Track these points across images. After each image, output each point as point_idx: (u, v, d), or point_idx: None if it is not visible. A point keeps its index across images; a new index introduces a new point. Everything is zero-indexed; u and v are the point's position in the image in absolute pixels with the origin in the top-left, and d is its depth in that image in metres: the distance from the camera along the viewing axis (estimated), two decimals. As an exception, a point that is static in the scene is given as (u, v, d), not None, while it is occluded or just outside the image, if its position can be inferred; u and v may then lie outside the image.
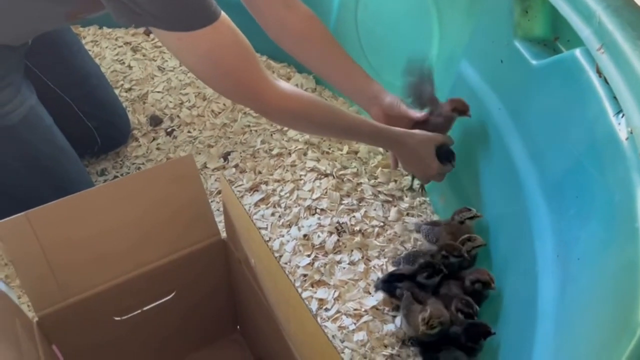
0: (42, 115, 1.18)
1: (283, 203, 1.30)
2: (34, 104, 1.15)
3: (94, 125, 1.39)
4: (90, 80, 1.37)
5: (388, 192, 1.31)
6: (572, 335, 0.64)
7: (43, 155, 1.18)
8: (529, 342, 0.75)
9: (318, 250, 1.20)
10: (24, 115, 1.11)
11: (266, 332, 0.86)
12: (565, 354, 0.64)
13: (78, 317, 0.79)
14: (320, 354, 0.63)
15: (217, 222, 0.88)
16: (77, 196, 0.75)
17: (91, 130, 1.39)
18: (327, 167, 1.36)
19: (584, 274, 0.68)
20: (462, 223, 1.06)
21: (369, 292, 1.11)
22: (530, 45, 0.99)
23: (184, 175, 0.82)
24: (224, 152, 1.46)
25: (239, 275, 0.87)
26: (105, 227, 0.78)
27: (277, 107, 0.93)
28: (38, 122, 1.16)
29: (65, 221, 0.75)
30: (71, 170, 1.22)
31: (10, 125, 1.10)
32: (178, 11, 0.80)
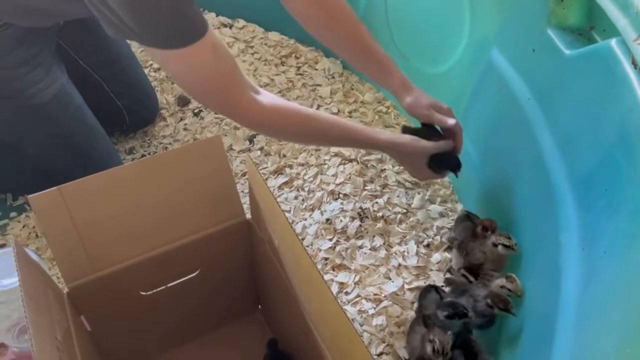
0: (73, 94, 1.20)
1: (307, 187, 1.31)
2: (65, 83, 1.18)
3: (124, 104, 1.41)
4: (121, 60, 1.39)
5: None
6: (594, 330, 0.64)
7: (73, 133, 1.20)
8: (550, 334, 0.75)
9: (340, 234, 1.20)
10: (54, 94, 1.14)
11: (287, 312, 0.88)
12: (586, 347, 0.64)
13: (106, 290, 0.82)
14: (340, 335, 0.64)
15: (241, 203, 0.89)
16: (108, 173, 0.77)
17: (120, 109, 1.41)
18: (352, 152, 1.36)
19: (609, 267, 0.67)
20: (495, 246, 0.99)
21: (390, 278, 1.12)
22: (564, 34, 0.97)
23: (212, 156, 0.83)
24: (250, 134, 1.47)
25: (262, 255, 0.89)
26: (134, 204, 0.80)
27: (257, 122, 0.93)
28: (68, 101, 1.18)
29: (96, 197, 0.77)
30: (100, 149, 1.25)
31: (41, 103, 1.12)
32: (160, 31, 0.78)
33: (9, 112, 1.13)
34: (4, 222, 1.26)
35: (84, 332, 0.83)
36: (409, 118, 1.47)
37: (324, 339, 0.73)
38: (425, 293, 1.04)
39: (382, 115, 1.49)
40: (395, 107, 1.52)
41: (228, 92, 0.88)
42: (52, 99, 1.13)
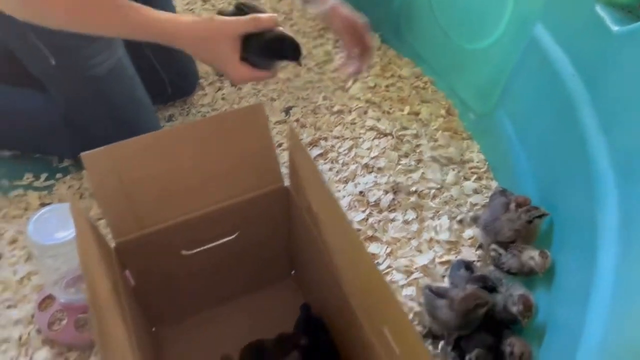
0: (128, 68, 1.23)
1: (341, 159, 1.33)
2: (122, 56, 1.21)
3: (167, 77, 1.44)
4: None
5: (447, 156, 1.30)
6: (631, 302, 0.64)
7: (123, 106, 1.24)
8: (582, 309, 0.75)
9: (373, 207, 1.22)
10: (112, 67, 1.17)
11: (321, 279, 0.90)
12: (620, 331, 0.64)
13: (150, 247, 0.85)
14: (380, 302, 0.66)
15: (280, 170, 0.91)
16: (154, 135, 0.80)
17: (164, 81, 1.45)
18: (387, 126, 1.37)
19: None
20: (530, 222, 0.99)
21: (421, 251, 1.13)
22: (613, 11, 0.95)
23: (254, 123, 0.85)
24: (286, 106, 1.49)
25: (298, 222, 0.91)
26: (177, 167, 0.83)
27: None
28: (123, 74, 1.21)
29: (143, 158, 0.80)
30: (147, 121, 1.28)
31: (98, 75, 1.16)
32: None
33: (66, 81, 1.16)
34: (50, 182, 1.32)
35: (128, 287, 0.87)
36: (440, 83, 1.47)
37: (359, 307, 0.75)
38: (455, 269, 1.05)
39: (419, 91, 1.49)
40: (434, 82, 1.51)
41: None
42: (109, 71, 1.17)
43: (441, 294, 0.94)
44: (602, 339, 0.71)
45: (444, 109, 1.43)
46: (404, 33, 1.56)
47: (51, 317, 1.00)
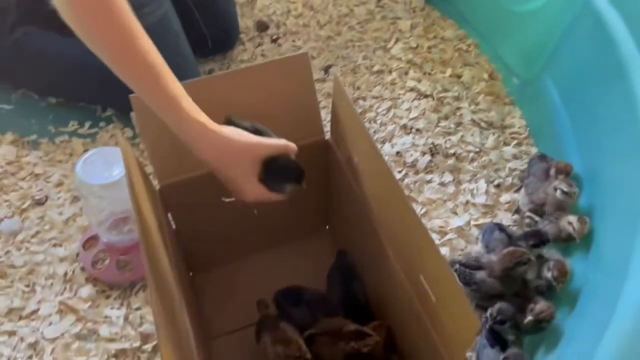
0: (173, 21, 1.24)
1: (379, 120, 1.32)
2: (168, 9, 1.21)
3: (209, 32, 1.44)
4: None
5: (488, 120, 1.28)
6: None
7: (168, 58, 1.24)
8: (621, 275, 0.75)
9: (409, 168, 1.22)
10: (159, 19, 1.17)
11: (357, 231, 0.91)
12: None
13: (192, 192, 0.87)
14: (419, 251, 0.66)
15: (322, 122, 0.91)
16: (200, 80, 0.81)
17: (205, 36, 1.45)
18: (428, 88, 1.35)
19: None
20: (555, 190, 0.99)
21: (456, 213, 1.13)
22: (676, -30, 0.91)
23: (298, 73, 0.85)
24: (326, 64, 1.48)
25: (338, 175, 0.92)
26: (220, 112, 0.84)
27: None
28: (170, 27, 1.22)
29: (189, 102, 0.81)
30: (190, 76, 1.29)
31: (145, 26, 1.16)
32: None
33: None
34: (94, 130, 1.35)
35: (170, 229, 0.90)
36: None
37: (397, 256, 0.76)
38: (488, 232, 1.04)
39: (462, 53, 1.46)
40: (477, 45, 1.47)
41: None
42: (155, 23, 1.17)
43: (475, 266, 0.94)
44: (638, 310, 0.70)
45: (486, 73, 1.40)
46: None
47: (94, 257, 1.04)
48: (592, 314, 0.82)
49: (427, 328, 0.69)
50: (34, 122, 1.35)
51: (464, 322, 0.58)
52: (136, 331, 0.96)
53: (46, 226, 1.13)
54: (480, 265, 0.92)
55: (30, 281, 1.03)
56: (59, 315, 0.99)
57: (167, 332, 0.58)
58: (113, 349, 0.94)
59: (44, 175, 1.22)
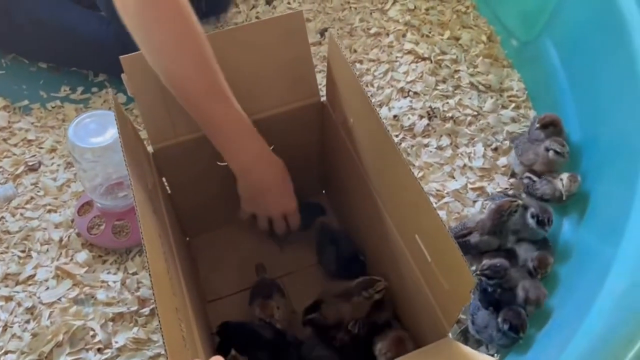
0: None
1: (376, 83, 1.30)
2: None
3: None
4: None
5: (486, 83, 1.27)
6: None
7: None
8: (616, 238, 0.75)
9: (406, 132, 1.20)
10: None
11: (353, 194, 0.90)
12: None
13: (186, 156, 0.86)
14: (415, 211, 0.66)
15: (317, 84, 0.89)
16: None
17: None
18: (426, 50, 1.32)
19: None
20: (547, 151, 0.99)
21: (453, 177, 1.12)
22: None
23: (292, 31, 0.83)
24: (322, 27, 1.45)
25: (334, 138, 0.90)
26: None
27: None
28: None
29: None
30: None
31: None
32: None
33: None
34: (87, 96, 1.33)
35: (165, 194, 0.89)
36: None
37: (393, 216, 0.76)
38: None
39: (460, 15, 1.42)
40: (475, 7, 1.44)
41: None
42: None
43: (466, 233, 0.94)
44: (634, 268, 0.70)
45: (485, 35, 1.37)
46: (448, -47, 1.48)
47: (90, 222, 1.04)
48: (586, 276, 0.83)
49: (422, 287, 0.69)
50: (24, 88, 1.32)
51: (459, 278, 0.58)
52: (133, 295, 0.97)
53: (40, 192, 1.12)
54: (470, 230, 0.92)
55: (26, 247, 1.03)
56: (55, 280, 0.99)
57: (164, 296, 0.58)
58: (111, 313, 0.94)
59: (37, 142, 1.21)
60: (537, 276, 0.86)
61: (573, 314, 0.73)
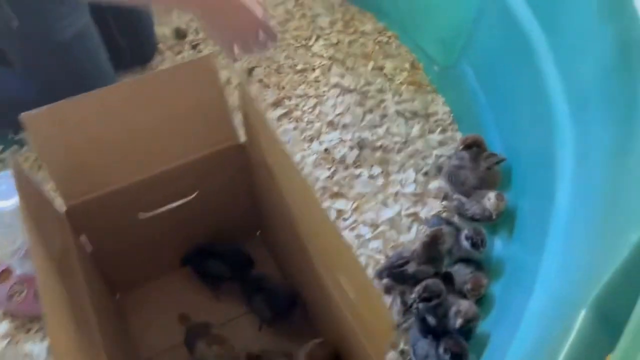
0: (93, 34, 1.18)
1: (305, 118, 1.30)
2: (88, 22, 1.15)
3: (126, 43, 1.39)
4: None
5: (412, 109, 1.29)
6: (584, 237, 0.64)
7: (87, 74, 1.19)
8: (539, 248, 0.76)
9: (338, 164, 1.21)
10: (77, 33, 1.12)
11: (284, 235, 0.89)
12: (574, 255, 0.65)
13: (104, 211, 0.83)
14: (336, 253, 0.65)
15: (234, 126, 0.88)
16: (100, 92, 0.76)
17: (123, 48, 1.40)
18: (351, 82, 1.34)
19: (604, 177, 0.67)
20: (489, 169, 1.01)
21: (387, 205, 1.12)
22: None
23: (205, 76, 0.82)
24: (249, 67, 1.45)
25: (258, 178, 0.89)
26: (128, 125, 0.80)
27: None
28: (89, 41, 1.16)
29: (90, 117, 0.77)
30: None
31: (64, 40, 1.10)
32: None
33: (31, 47, 1.11)
34: (6, 155, 1.27)
35: (84, 253, 0.85)
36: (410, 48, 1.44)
37: (318, 258, 0.74)
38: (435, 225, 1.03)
39: (383, 46, 1.46)
40: (397, 37, 1.48)
41: None
42: (74, 37, 1.11)
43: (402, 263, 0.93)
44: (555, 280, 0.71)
45: (408, 63, 1.41)
46: (366, -13, 1.53)
47: (10, 290, 0.98)
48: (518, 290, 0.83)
49: (352, 328, 0.67)
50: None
51: (380, 317, 0.56)
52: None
53: (-44, 263, 1.05)
54: (406, 260, 0.92)
55: (-60, 324, 0.96)
56: (-26, 357, 0.92)
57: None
58: (37, 387, 0.88)
59: (-48, 208, 1.14)
60: (471, 298, 0.86)
61: (506, 335, 0.73)
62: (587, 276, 0.56)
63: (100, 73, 1.22)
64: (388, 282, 0.97)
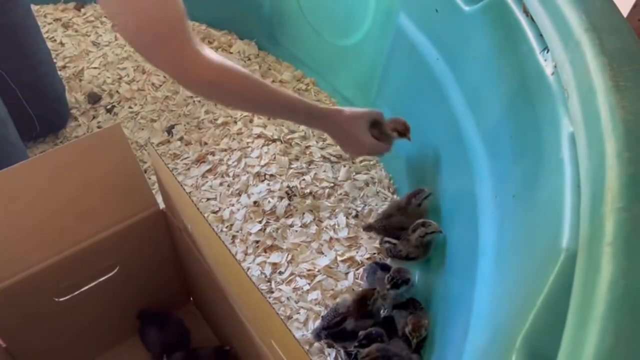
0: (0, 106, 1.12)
1: (231, 172, 1.28)
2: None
3: (35, 112, 1.33)
4: (41, 67, 1.30)
5: (337, 153, 1.30)
6: (508, 269, 0.65)
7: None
8: (472, 280, 0.76)
9: (269, 215, 1.19)
10: None
11: (215, 300, 0.85)
12: (502, 286, 0.65)
13: (14, 301, 0.76)
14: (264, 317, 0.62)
15: (153, 193, 0.85)
16: (10, 169, 0.70)
17: (32, 118, 1.33)
18: (274, 132, 1.34)
19: (518, 209, 0.69)
20: (419, 206, 1.02)
21: (322, 253, 1.11)
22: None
23: (115, 146, 0.78)
24: (168, 125, 1.42)
25: (181, 244, 0.86)
26: (36, 203, 0.74)
27: (202, 77, 0.85)
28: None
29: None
30: None
31: None
32: None
33: None
34: None
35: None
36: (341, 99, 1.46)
37: (250, 322, 0.71)
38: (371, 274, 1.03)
39: (302, 93, 1.47)
40: (315, 83, 1.50)
41: (175, 38, 0.82)
42: None
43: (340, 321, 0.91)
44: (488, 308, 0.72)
45: (328, 108, 1.42)
46: (279, 37, 1.55)
47: None
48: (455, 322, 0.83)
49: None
50: None
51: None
52: None
53: None
54: (343, 316, 0.90)
55: None
56: None
57: None
58: None
59: None
60: (412, 340, 0.85)
61: None
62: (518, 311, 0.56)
63: (9, 146, 1.15)
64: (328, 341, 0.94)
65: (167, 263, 0.93)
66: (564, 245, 0.51)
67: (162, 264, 0.92)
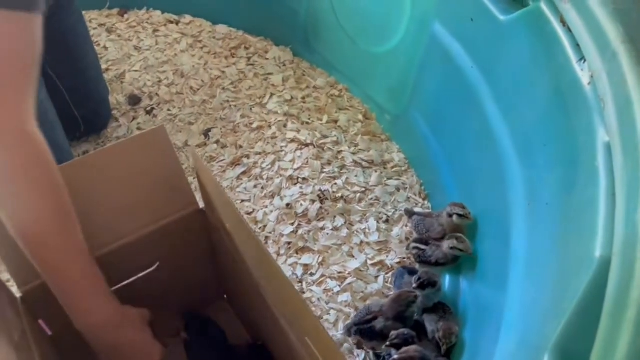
0: (49, 110, 1.18)
1: (265, 175, 1.31)
2: (44, 99, 1.15)
3: (80, 113, 1.39)
4: (89, 71, 1.36)
5: (368, 159, 1.32)
6: (539, 275, 0.66)
7: None
8: (503, 287, 0.77)
9: (301, 218, 1.21)
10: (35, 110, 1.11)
11: (249, 298, 0.88)
12: (533, 292, 0.66)
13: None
14: (299, 315, 0.64)
15: (193, 192, 0.88)
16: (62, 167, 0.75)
17: (77, 119, 1.39)
18: (308, 137, 1.37)
19: (551, 217, 0.70)
20: (450, 216, 1.01)
21: (353, 256, 1.13)
22: (498, 1, 1.00)
23: (158, 147, 0.82)
24: (205, 128, 1.46)
25: (219, 243, 0.89)
26: (82, 201, 0.78)
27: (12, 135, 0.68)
28: (45, 118, 1.15)
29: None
30: None
31: None
32: None
33: None
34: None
35: (43, 337, 0.82)
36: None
37: (284, 320, 0.73)
38: (399, 278, 1.04)
39: (335, 99, 1.50)
40: (349, 89, 1.53)
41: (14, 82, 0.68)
42: None
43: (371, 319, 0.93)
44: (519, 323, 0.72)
45: (361, 114, 1.45)
46: (314, 44, 1.58)
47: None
48: (485, 330, 0.84)
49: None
50: None
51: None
52: None
53: None
54: (374, 315, 0.92)
55: None
56: None
57: None
58: None
59: None
60: (442, 347, 0.86)
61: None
62: (548, 317, 0.57)
63: (56, 148, 1.21)
64: (357, 338, 0.96)
65: (203, 260, 0.96)
66: (598, 251, 0.52)
67: (199, 261, 0.96)
